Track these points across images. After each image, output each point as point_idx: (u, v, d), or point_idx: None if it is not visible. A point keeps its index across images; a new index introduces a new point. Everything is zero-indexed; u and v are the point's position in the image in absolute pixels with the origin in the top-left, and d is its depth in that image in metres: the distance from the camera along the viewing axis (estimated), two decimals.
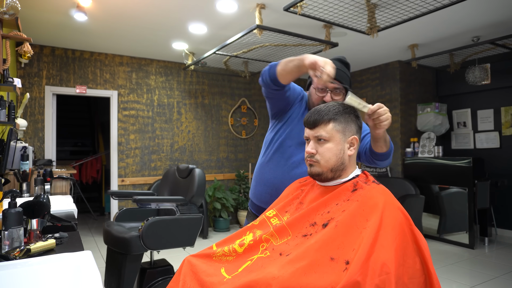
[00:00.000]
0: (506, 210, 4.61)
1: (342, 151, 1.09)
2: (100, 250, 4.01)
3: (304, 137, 1.16)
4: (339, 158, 1.09)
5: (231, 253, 1.10)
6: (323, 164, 1.09)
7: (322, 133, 1.08)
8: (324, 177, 1.10)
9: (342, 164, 1.09)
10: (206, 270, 1.07)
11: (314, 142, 1.11)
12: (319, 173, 1.10)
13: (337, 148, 1.08)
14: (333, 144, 1.08)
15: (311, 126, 1.12)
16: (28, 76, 4.19)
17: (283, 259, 0.97)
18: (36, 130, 4.24)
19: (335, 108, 1.12)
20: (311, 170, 1.11)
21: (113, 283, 2.26)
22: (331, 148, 1.08)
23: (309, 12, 2.93)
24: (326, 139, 1.08)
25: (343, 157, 1.09)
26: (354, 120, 1.12)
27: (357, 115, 1.14)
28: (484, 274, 3.27)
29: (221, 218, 4.96)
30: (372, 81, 5.39)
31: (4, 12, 2.00)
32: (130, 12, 3.29)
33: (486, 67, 4.20)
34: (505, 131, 4.66)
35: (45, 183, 2.57)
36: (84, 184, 6.50)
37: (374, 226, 0.92)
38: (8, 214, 1.18)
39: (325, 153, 1.08)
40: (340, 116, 1.10)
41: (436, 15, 3.23)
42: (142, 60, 4.86)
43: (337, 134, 1.09)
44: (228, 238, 1.20)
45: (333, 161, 1.08)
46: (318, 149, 1.09)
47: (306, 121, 1.14)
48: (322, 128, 1.08)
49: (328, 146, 1.08)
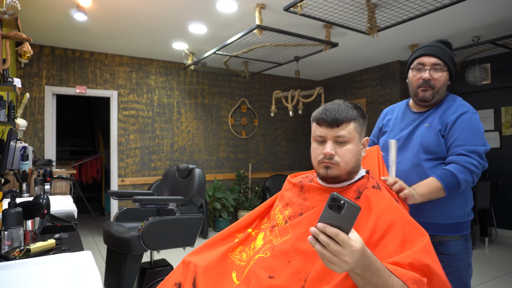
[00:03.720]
0: (506, 210, 4.61)
1: (359, 153, 1.05)
2: (100, 250, 4.01)
3: (316, 137, 1.06)
4: (357, 160, 1.04)
5: (246, 259, 1.08)
6: (342, 166, 1.02)
7: (344, 133, 1.01)
8: (339, 179, 1.04)
9: (358, 166, 1.05)
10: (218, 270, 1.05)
11: (332, 143, 1.02)
12: (337, 175, 1.03)
13: (356, 149, 1.03)
14: (353, 145, 1.02)
15: (330, 126, 1.02)
16: (28, 76, 4.19)
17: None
18: (36, 130, 4.24)
19: (351, 107, 1.05)
20: (328, 172, 1.03)
21: (113, 283, 2.26)
22: (351, 150, 1.02)
23: (309, 12, 2.93)
24: (347, 140, 1.02)
25: (360, 159, 1.05)
26: (365, 121, 1.08)
27: (365, 116, 1.09)
28: (484, 274, 3.27)
29: (221, 218, 4.96)
30: (372, 81, 5.39)
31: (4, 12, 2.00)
32: (130, 12, 3.28)
33: (486, 67, 4.20)
34: (505, 131, 4.66)
35: (45, 183, 2.57)
36: (84, 184, 6.50)
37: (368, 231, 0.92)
38: (8, 214, 1.18)
39: (346, 155, 1.01)
40: (359, 117, 1.04)
41: (436, 15, 3.23)
42: (142, 60, 4.86)
43: (356, 135, 1.03)
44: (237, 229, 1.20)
45: (352, 163, 1.03)
46: (337, 150, 1.02)
47: (323, 120, 1.03)
48: (344, 128, 1.01)
49: (348, 147, 1.02)
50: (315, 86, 6.08)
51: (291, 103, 4.64)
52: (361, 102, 5.55)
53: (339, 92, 6.00)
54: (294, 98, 4.62)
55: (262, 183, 5.69)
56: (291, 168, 6.13)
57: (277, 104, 5.24)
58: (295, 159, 6.22)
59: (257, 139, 5.78)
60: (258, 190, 5.52)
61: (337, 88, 6.05)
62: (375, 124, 1.68)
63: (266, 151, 5.89)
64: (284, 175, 5.75)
